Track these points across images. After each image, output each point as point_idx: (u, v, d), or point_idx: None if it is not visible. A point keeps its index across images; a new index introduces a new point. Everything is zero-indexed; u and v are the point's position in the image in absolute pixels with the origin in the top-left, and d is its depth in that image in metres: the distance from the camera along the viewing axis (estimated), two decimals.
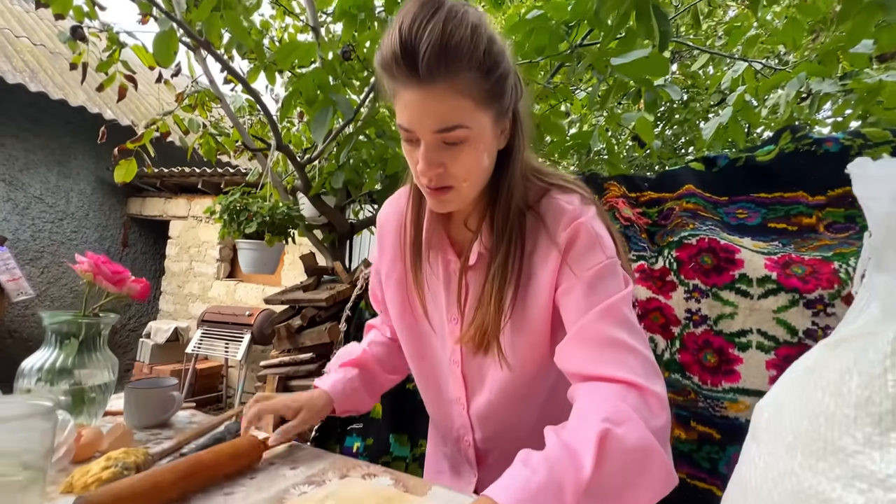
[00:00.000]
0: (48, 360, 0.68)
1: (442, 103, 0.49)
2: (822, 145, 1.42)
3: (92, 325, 0.70)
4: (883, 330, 0.18)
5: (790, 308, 1.16)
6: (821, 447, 0.18)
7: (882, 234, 0.23)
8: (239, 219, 1.66)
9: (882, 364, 0.18)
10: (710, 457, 1.21)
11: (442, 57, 0.47)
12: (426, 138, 0.52)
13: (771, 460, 0.22)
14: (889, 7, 1.35)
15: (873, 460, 0.17)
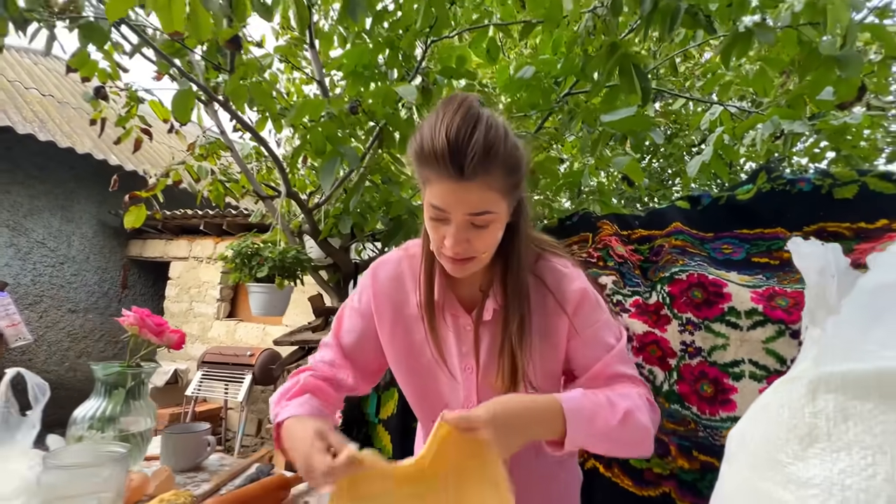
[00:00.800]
0: (98, 409, 0.73)
1: (476, 195, 0.60)
2: (796, 185, 1.54)
3: (137, 375, 0.76)
4: (806, 374, 0.25)
5: (778, 338, 1.24)
6: (768, 462, 0.25)
7: (813, 298, 0.31)
8: (251, 263, 1.73)
9: (801, 400, 0.25)
10: (711, 483, 1.25)
11: (483, 162, 0.58)
12: (458, 220, 0.62)
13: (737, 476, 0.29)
14: (843, 64, 1.51)
15: (799, 469, 0.23)
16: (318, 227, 2.07)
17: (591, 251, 1.63)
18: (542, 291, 0.71)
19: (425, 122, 0.63)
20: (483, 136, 0.58)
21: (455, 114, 0.59)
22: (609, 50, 1.53)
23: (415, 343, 0.77)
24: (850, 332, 0.25)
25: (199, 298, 4.47)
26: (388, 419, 1.59)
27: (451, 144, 0.57)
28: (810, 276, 0.31)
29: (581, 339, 0.71)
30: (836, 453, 0.22)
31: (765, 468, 0.25)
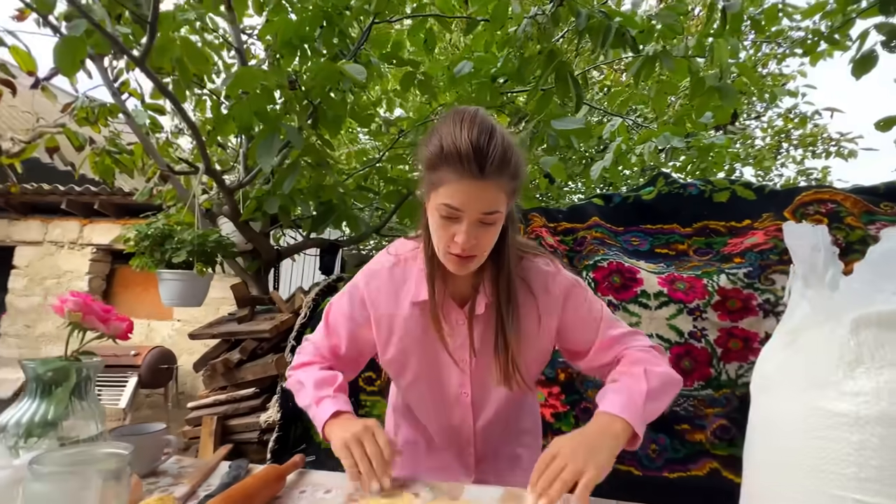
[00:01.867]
0: (35, 413, 0.59)
1: (491, 194, 0.65)
2: (687, 189, 1.85)
3: (82, 370, 0.64)
4: (837, 317, 0.35)
5: (678, 315, 1.49)
6: (820, 383, 0.34)
7: (807, 266, 0.41)
8: (163, 247, 1.53)
9: (846, 336, 0.34)
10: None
11: (500, 165, 0.64)
12: (472, 217, 0.66)
13: (784, 401, 0.37)
14: (723, 94, 1.84)
15: (850, 385, 0.32)
16: (238, 209, 1.89)
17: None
18: (526, 290, 0.76)
19: (441, 128, 0.67)
20: (500, 142, 0.65)
21: (473, 122, 0.64)
22: (548, 57, 1.65)
23: (415, 341, 0.79)
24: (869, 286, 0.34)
25: (59, 291, 3.72)
26: None
27: (474, 146, 0.63)
28: (804, 250, 0.41)
29: (575, 324, 0.78)
30: (879, 370, 0.30)
31: (818, 388, 0.33)
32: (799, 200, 1.65)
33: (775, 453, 0.36)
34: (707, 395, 1.45)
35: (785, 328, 0.42)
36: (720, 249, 1.69)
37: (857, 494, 0.29)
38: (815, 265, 0.41)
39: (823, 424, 0.33)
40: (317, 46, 1.89)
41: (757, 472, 0.37)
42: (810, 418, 0.34)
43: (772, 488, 0.34)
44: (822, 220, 1.57)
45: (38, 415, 0.60)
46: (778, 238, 1.56)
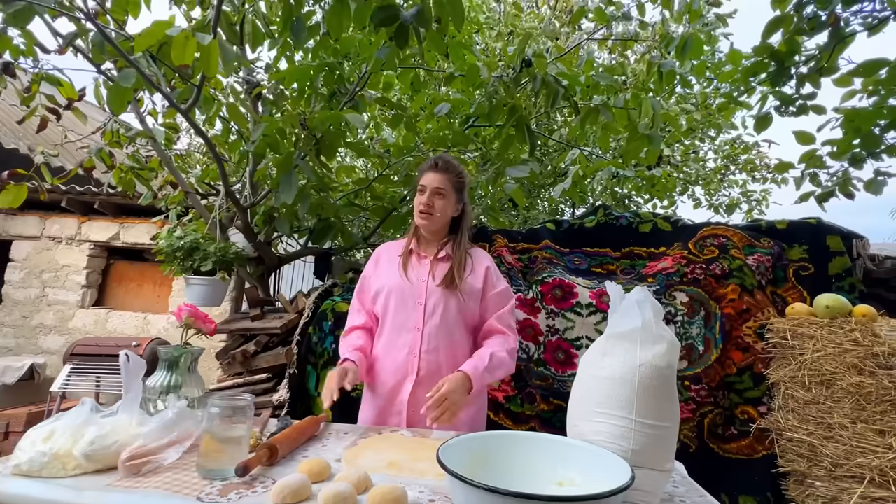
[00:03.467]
0: (164, 381, 0.96)
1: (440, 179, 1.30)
2: (619, 220, 2.30)
3: (193, 353, 1.00)
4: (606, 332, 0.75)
5: (602, 322, 1.92)
6: (591, 364, 0.74)
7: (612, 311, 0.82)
8: (193, 257, 1.86)
9: (603, 342, 0.74)
10: (560, 419, 1.89)
11: (446, 168, 1.32)
12: (430, 189, 1.30)
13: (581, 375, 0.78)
14: (651, 140, 2.29)
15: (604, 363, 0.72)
16: (249, 223, 2.23)
17: None
18: (470, 258, 1.35)
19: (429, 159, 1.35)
20: (451, 160, 1.36)
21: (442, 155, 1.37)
22: (510, 111, 2.07)
23: (394, 272, 1.33)
24: (617, 319, 0.75)
25: (56, 284, 3.92)
26: None
27: (436, 158, 1.34)
28: (615, 296, 0.82)
29: (486, 298, 1.32)
30: (612, 358, 0.71)
31: (590, 366, 0.73)
32: (700, 234, 2.12)
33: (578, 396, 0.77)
34: None
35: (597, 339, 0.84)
36: (640, 271, 2.14)
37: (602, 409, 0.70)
38: (615, 306, 0.82)
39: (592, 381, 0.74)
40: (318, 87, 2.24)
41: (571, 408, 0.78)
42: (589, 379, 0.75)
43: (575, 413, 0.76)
44: (715, 251, 2.04)
45: (169, 381, 0.97)
46: (680, 264, 2.02)
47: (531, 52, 1.94)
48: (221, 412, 0.78)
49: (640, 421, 0.68)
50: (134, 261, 4.20)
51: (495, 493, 0.50)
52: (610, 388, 0.71)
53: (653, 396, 0.69)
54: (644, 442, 0.67)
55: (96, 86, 2.26)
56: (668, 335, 0.72)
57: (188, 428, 0.84)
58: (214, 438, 0.77)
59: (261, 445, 0.82)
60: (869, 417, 1.46)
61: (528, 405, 1.91)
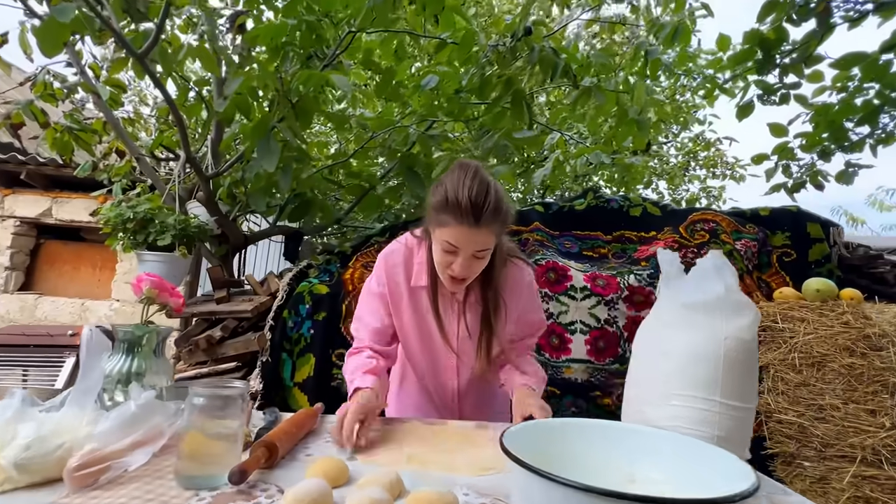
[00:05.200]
0: (123, 367, 0.77)
1: (483, 238, 0.87)
2: (610, 203, 2.25)
3: (160, 333, 0.81)
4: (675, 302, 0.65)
5: (597, 306, 1.86)
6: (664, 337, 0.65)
7: (668, 274, 0.72)
8: (147, 230, 1.62)
9: (672, 310, 0.65)
10: (554, 406, 1.81)
11: (492, 217, 0.86)
12: (467, 254, 0.87)
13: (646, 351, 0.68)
14: (640, 126, 2.26)
15: (668, 335, 0.63)
16: (213, 196, 1.99)
17: None
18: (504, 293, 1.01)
19: (447, 180, 0.88)
20: (494, 198, 0.86)
21: (473, 179, 0.86)
22: (506, 83, 1.94)
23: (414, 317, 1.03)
24: (688, 287, 0.66)
25: None
26: (303, 382, 1.73)
27: (472, 201, 0.83)
28: (668, 265, 0.72)
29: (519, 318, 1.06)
30: (688, 331, 0.62)
31: (656, 343, 0.63)
32: (690, 219, 2.11)
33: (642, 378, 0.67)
34: (615, 369, 1.85)
35: (653, 312, 0.73)
36: (632, 254, 2.10)
37: (679, 390, 0.61)
38: (669, 274, 0.72)
39: (663, 359, 0.64)
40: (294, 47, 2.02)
41: (632, 391, 0.68)
42: (658, 357, 0.65)
43: (639, 397, 0.65)
44: (706, 235, 2.03)
45: (131, 367, 0.77)
46: (673, 248, 1.99)
47: (531, 20, 1.82)
48: (208, 404, 0.61)
49: (725, 402, 0.59)
50: (69, 240, 3.73)
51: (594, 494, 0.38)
52: (688, 365, 0.61)
53: (739, 374, 0.60)
54: (730, 426, 0.58)
55: (22, 31, 1.92)
56: (751, 304, 0.63)
57: (157, 424, 0.66)
58: (199, 437, 0.60)
59: (256, 444, 0.66)
60: (861, 398, 1.48)
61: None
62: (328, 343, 1.77)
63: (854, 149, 2.52)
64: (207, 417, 0.61)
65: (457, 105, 1.97)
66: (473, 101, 2.24)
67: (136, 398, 0.67)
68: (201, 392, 0.61)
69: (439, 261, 0.92)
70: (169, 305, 0.85)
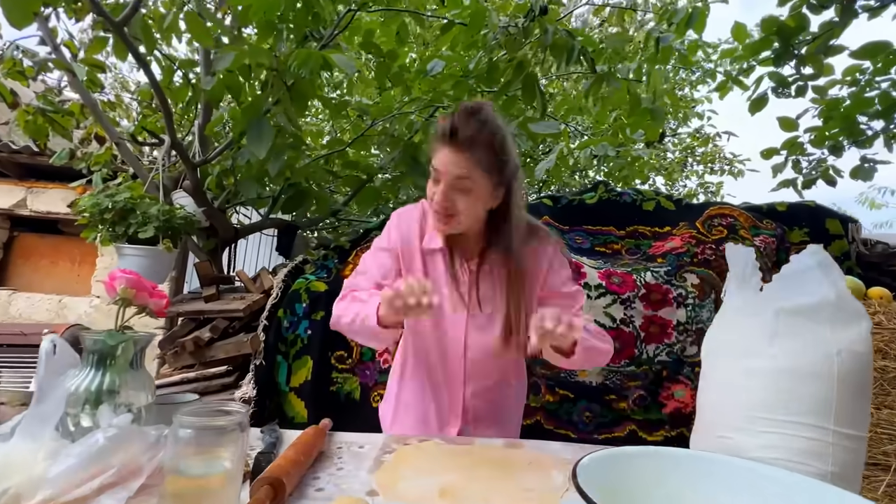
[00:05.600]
0: (93, 383, 0.63)
1: (463, 162, 0.81)
2: (622, 197, 2.15)
3: (138, 343, 0.68)
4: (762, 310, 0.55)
5: (612, 305, 1.76)
6: (747, 350, 0.54)
7: (740, 275, 0.62)
8: (127, 221, 1.47)
9: (769, 318, 0.55)
10: (567, 410, 1.72)
11: (475, 142, 0.80)
12: (447, 180, 0.82)
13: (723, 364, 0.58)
14: (654, 115, 2.15)
15: (770, 350, 0.53)
16: (200, 185, 1.84)
17: None
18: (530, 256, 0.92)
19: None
20: (477, 122, 0.81)
21: (465, 106, 0.83)
22: (517, 67, 1.82)
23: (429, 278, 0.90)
24: (781, 291, 0.55)
25: None
26: (300, 387, 1.60)
27: (454, 122, 0.81)
28: (739, 264, 0.62)
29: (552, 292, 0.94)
30: (788, 341, 0.51)
31: (742, 355, 0.53)
32: (707, 213, 2.01)
33: (723, 397, 0.56)
34: (630, 371, 1.75)
35: (724, 316, 0.62)
36: (646, 250, 2.01)
37: (777, 415, 0.50)
38: (744, 274, 0.62)
39: (753, 375, 0.53)
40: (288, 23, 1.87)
41: (710, 414, 0.57)
42: (745, 372, 0.54)
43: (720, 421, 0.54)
44: (724, 231, 1.94)
45: (102, 384, 0.64)
46: (691, 244, 1.90)
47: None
48: (197, 437, 0.48)
49: (839, 431, 0.48)
50: (45, 233, 3.53)
51: None
52: (791, 384, 0.50)
53: (854, 395, 0.49)
54: (845, 460, 0.48)
55: None
56: (863, 310, 0.52)
57: (133, 459, 0.53)
58: (186, 478, 0.48)
59: (258, 481, 0.53)
60: (894, 402, 1.41)
61: (532, 396, 1.72)
62: (327, 345, 1.64)
63: (866, 144, 2.46)
64: (197, 452, 0.49)
65: (465, 90, 1.84)
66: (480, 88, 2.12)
67: (106, 425, 0.54)
68: (189, 422, 0.48)
69: (428, 194, 0.87)
70: (149, 307, 0.72)
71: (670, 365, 1.74)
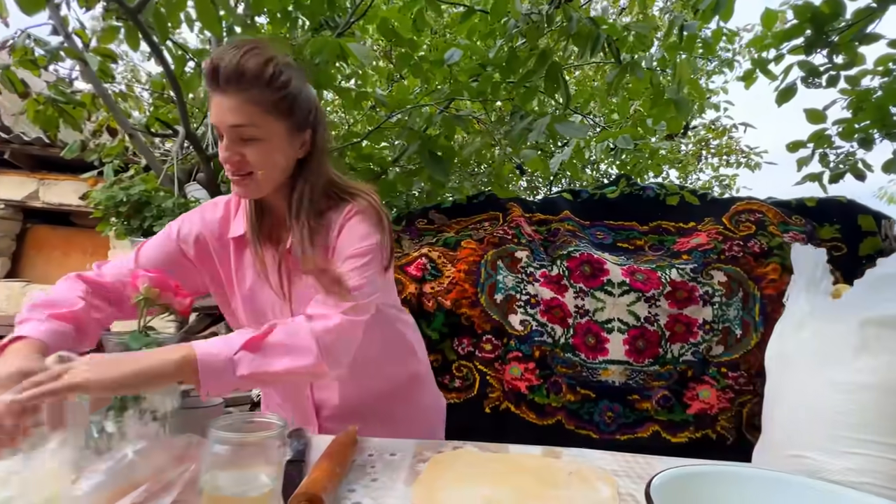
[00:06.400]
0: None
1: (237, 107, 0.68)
2: (645, 192, 2.09)
3: (161, 345, 0.65)
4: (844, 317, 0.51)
5: (636, 303, 1.71)
6: (833, 361, 0.49)
7: (808, 277, 0.58)
8: (143, 214, 1.44)
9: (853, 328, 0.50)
10: (589, 410, 1.68)
11: (235, 78, 0.67)
12: (227, 132, 0.70)
13: (806, 370, 0.53)
14: (679, 106, 2.08)
15: (855, 363, 0.48)
16: (214, 177, 1.81)
17: (506, 229, 1.89)
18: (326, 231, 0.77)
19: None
20: (241, 58, 0.67)
21: (233, 43, 0.71)
22: (540, 56, 1.76)
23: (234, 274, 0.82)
24: (866, 298, 0.50)
25: None
26: None
27: (213, 61, 0.68)
28: (807, 265, 0.57)
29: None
30: (876, 354, 0.46)
31: (831, 364, 0.48)
32: (734, 209, 1.95)
33: (799, 413, 0.52)
34: (654, 371, 1.70)
35: (789, 321, 0.58)
36: (671, 247, 1.95)
37: (859, 434, 0.45)
38: (814, 277, 0.57)
39: (837, 390, 0.48)
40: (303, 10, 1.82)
41: (781, 431, 0.53)
42: (825, 387, 0.50)
43: (796, 439, 0.50)
44: (752, 227, 1.88)
45: None
46: (717, 240, 1.84)
47: None
48: (234, 453, 0.45)
49: None
50: (57, 225, 3.53)
51: None
52: (883, 401, 0.45)
53: None
54: None
55: None
56: None
57: (163, 471, 0.50)
58: (222, 496, 0.44)
59: (295, 497, 0.50)
60: None
61: (553, 396, 1.68)
62: None
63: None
64: (234, 469, 0.45)
65: (488, 84, 1.78)
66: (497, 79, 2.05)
67: (133, 436, 0.50)
68: (226, 438, 0.44)
69: (221, 159, 0.73)
70: (173, 307, 0.68)
71: (696, 365, 1.69)
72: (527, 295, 1.74)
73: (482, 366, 1.72)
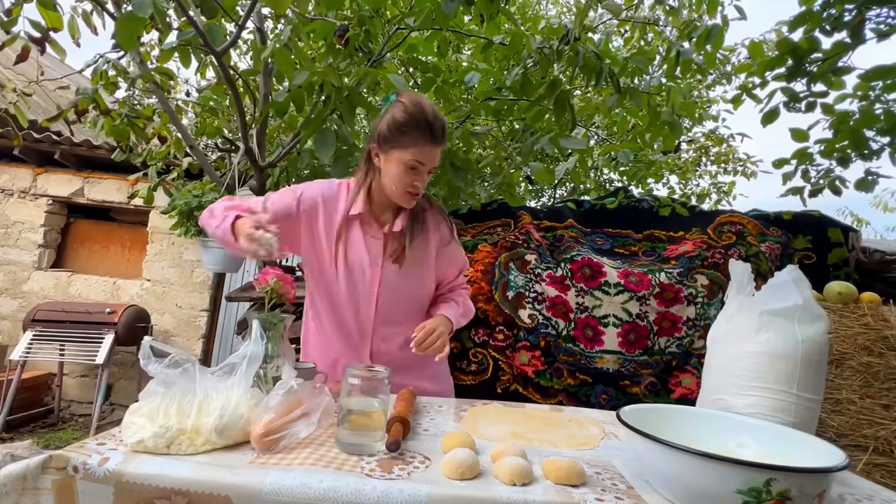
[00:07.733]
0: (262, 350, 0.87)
1: (438, 154, 1.06)
2: (641, 203, 2.35)
3: (284, 320, 0.92)
4: (754, 309, 0.75)
5: (629, 301, 1.98)
6: (744, 339, 0.75)
7: (739, 283, 0.83)
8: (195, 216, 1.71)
9: (756, 317, 0.76)
10: (586, 393, 1.95)
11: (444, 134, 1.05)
12: (428, 170, 1.05)
13: (721, 353, 0.79)
14: (672, 127, 2.34)
15: (756, 338, 0.73)
16: (264, 184, 2.07)
17: (517, 234, 2.15)
18: (426, 225, 1.16)
19: (407, 105, 1.02)
20: (443, 120, 1.05)
21: (421, 101, 1.04)
22: (550, 85, 2.02)
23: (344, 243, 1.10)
24: (766, 297, 0.76)
25: (7, 242, 3.48)
26: None
27: (432, 121, 1.01)
28: (738, 274, 0.83)
29: (448, 260, 1.21)
30: (769, 333, 0.72)
31: (742, 341, 0.74)
32: (718, 220, 2.21)
33: (721, 371, 0.78)
34: (643, 360, 1.97)
35: (723, 313, 0.84)
36: (661, 253, 2.21)
37: (759, 383, 0.72)
38: (742, 283, 0.83)
39: (743, 356, 0.75)
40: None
41: (711, 382, 0.79)
42: (737, 354, 0.76)
43: (718, 388, 0.77)
44: (732, 237, 2.14)
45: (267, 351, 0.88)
46: (702, 248, 2.10)
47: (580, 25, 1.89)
48: (361, 384, 0.72)
49: (800, 395, 0.69)
50: (99, 220, 3.81)
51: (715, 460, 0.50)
52: (769, 363, 0.72)
53: (814, 371, 0.71)
54: (804, 415, 0.69)
55: (72, 17, 1.97)
56: (824, 314, 0.74)
57: (313, 399, 0.77)
58: (355, 411, 0.72)
59: (392, 418, 0.77)
60: (876, 393, 1.61)
61: (556, 379, 1.95)
62: None
63: (872, 157, 2.62)
64: (359, 395, 0.72)
65: (504, 104, 2.04)
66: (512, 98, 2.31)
67: (289, 377, 0.77)
68: (357, 373, 0.72)
69: (403, 181, 1.04)
70: (286, 297, 0.95)
71: (679, 356, 1.96)
72: (534, 293, 2.01)
73: (495, 353, 1.99)
